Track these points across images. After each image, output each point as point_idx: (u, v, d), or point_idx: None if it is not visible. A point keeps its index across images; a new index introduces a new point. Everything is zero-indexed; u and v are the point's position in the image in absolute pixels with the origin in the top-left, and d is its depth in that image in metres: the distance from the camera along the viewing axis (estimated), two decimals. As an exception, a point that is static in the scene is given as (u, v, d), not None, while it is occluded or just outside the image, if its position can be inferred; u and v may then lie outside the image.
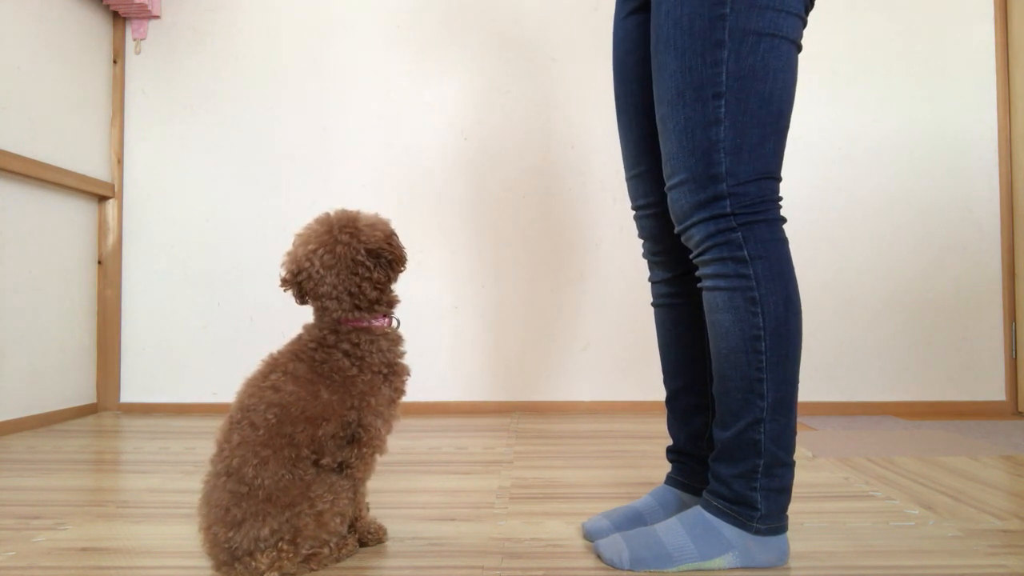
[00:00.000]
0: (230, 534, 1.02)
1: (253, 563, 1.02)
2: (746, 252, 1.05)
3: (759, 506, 1.07)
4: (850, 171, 2.83)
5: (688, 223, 1.09)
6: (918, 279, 2.82)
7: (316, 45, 2.87)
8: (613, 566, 1.10)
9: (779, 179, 1.09)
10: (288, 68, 2.86)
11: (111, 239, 2.80)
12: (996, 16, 2.81)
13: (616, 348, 2.83)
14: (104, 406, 2.79)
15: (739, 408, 1.07)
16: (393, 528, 1.25)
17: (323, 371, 1.10)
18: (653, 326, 2.82)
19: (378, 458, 1.16)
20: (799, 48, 1.07)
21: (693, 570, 1.08)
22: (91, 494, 1.60)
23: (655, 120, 1.18)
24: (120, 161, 2.84)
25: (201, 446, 2.11)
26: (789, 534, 1.08)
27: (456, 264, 2.84)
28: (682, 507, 1.25)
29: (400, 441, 2.13)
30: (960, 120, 2.81)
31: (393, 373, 1.15)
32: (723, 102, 1.03)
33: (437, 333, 2.83)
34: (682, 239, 1.13)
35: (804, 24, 1.07)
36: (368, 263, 1.11)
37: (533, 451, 2.02)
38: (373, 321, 1.14)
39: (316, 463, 1.08)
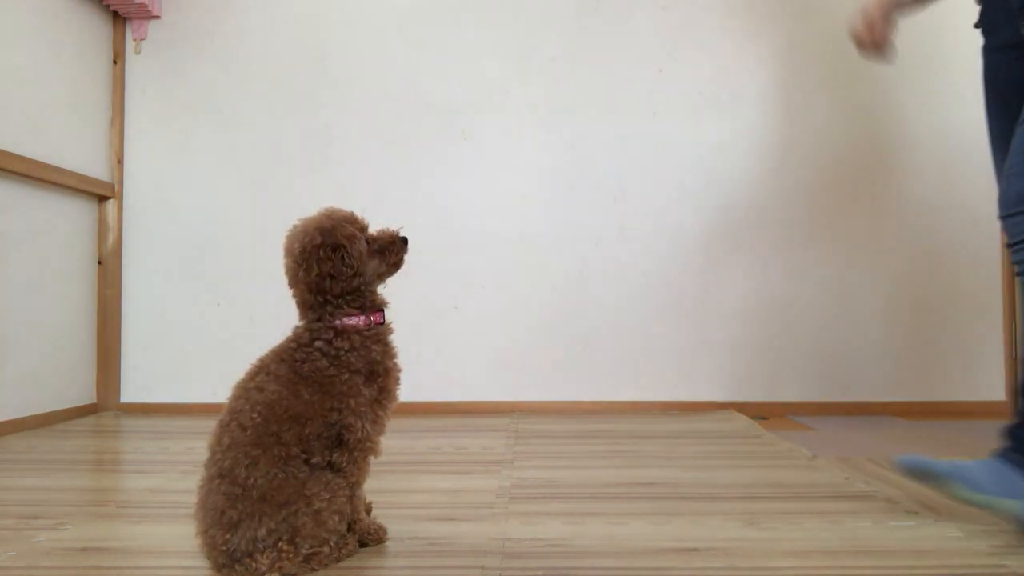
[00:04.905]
0: (227, 536, 1.02)
1: (253, 564, 1.01)
2: None
3: None
4: (850, 171, 2.83)
5: (1018, 209, 1.27)
6: (918, 279, 2.81)
7: (316, 45, 2.87)
8: None
9: None
10: (288, 68, 2.86)
11: (111, 239, 2.80)
12: (996, 16, 2.81)
13: (616, 348, 2.83)
14: (104, 406, 2.79)
15: None
16: (393, 528, 1.25)
17: (303, 371, 1.10)
18: (653, 326, 2.82)
19: (372, 460, 1.15)
20: None
21: None
22: (91, 494, 1.60)
23: None
24: (120, 161, 2.84)
25: (201, 446, 2.09)
26: (785, 533, 1.11)
27: (456, 264, 2.84)
28: None
29: (400, 441, 2.13)
30: (960, 120, 2.80)
31: (374, 373, 1.14)
32: None
33: (437, 333, 2.83)
34: (1005, 223, 1.31)
35: None
36: (323, 253, 1.13)
37: (533, 451, 2.02)
38: (346, 320, 1.14)
39: (307, 461, 1.08)
